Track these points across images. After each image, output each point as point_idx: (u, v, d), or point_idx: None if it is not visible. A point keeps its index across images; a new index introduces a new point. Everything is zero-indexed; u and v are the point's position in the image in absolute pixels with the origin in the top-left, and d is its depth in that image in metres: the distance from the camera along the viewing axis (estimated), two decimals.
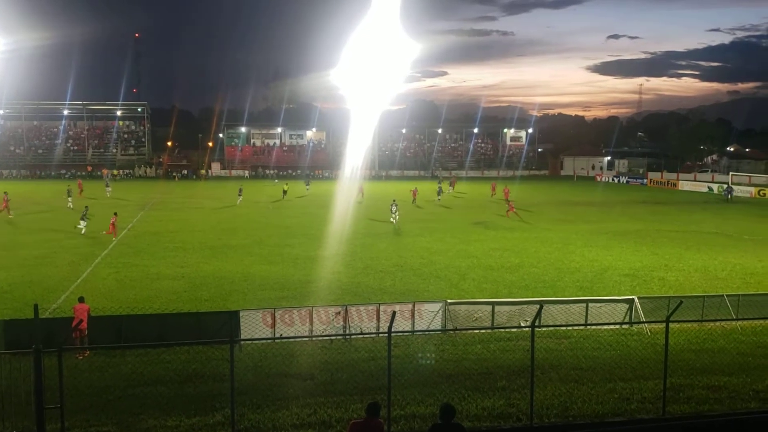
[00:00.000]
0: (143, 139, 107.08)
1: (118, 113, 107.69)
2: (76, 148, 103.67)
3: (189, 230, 39.84)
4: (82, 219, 38.20)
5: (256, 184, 66.05)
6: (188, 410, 13.27)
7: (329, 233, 38.27)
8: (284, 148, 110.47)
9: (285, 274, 27.36)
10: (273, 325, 18.76)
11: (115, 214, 38.16)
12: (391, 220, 43.28)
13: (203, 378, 15.42)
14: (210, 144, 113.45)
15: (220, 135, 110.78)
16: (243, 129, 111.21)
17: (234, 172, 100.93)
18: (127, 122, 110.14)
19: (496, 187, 66.96)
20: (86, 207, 41.26)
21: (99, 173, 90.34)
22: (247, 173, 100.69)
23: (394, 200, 45.35)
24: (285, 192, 63.17)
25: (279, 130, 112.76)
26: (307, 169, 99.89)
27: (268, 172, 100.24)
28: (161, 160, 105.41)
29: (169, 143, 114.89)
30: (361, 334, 18.34)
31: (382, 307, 19.44)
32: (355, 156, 79.11)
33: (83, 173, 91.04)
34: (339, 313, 19.06)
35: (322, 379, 15.35)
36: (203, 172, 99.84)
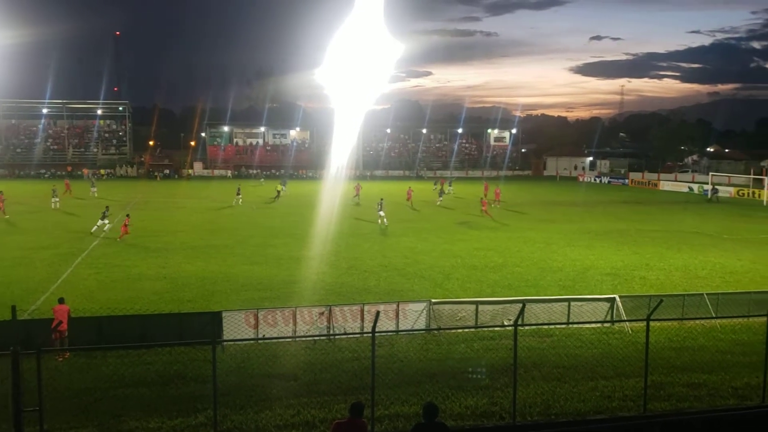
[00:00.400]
0: (124, 139, 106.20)
1: (99, 112, 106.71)
2: (56, 147, 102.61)
3: (171, 230, 39.59)
4: (102, 219, 37.67)
5: (240, 184, 65.46)
6: (170, 412, 13.19)
7: (314, 233, 38.20)
8: (268, 148, 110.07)
9: (268, 275, 27.27)
10: (256, 326, 18.69)
11: (128, 215, 37.73)
12: (378, 221, 43.19)
13: (185, 379, 15.33)
14: (192, 143, 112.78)
15: (203, 134, 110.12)
16: (226, 128, 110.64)
17: (217, 172, 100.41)
18: (108, 121, 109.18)
19: (489, 188, 66.80)
20: (107, 207, 40.53)
21: (80, 173, 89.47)
22: (229, 173, 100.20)
23: (381, 200, 45.36)
24: (279, 192, 61.89)
25: (262, 129, 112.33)
26: (291, 169, 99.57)
27: (251, 171, 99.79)
28: (143, 159, 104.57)
29: (151, 142, 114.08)
30: (345, 334, 18.32)
31: (366, 307, 19.43)
32: (340, 156, 78.99)
33: (63, 173, 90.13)
34: (323, 313, 19.03)
35: (305, 380, 15.32)
36: (189, 171, 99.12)
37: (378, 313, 13.18)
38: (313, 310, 19.25)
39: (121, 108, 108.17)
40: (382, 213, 43.38)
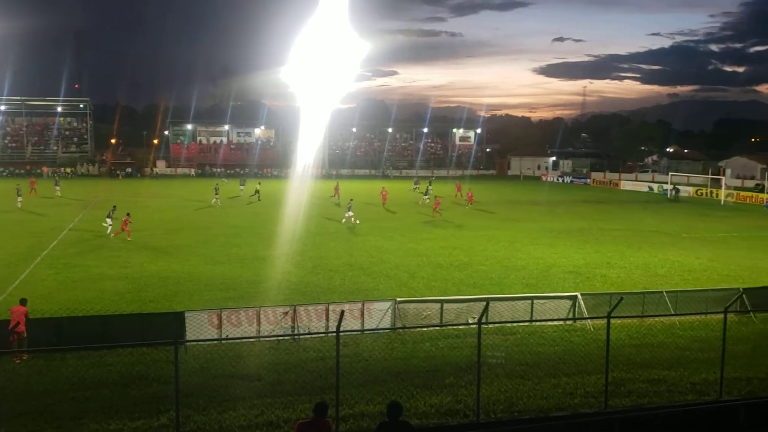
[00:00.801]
0: (86, 137, 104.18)
1: (59, 109, 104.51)
2: (14, 145, 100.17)
3: (133, 229, 38.91)
4: (108, 217, 37.10)
5: (218, 182, 64.71)
6: (132, 413, 12.97)
7: (278, 233, 37.95)
8: (232, 146, 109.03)
9: (232, 275, 27.02)
10: (219, 326, 18.49)
11: (128, 214, 36.97)
12: (343, 220, 42.99)
13: (147, 380, 15.09)
14: (155, 141, 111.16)
15: (166, 132, 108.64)
16: (189, 126, 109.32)
17: (180, 171, 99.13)
18: (68, 119, 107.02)
19: (462, 188, 66.99)
20: (114, 206, 39.65)
21: (39, 171, 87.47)
22: (193, 171, 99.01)
23: (351, 200, 45.30)
24: (257, 191, 59.39)
25: (226, 127, 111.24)
26: (256, 167, 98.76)
27: (215, 170, 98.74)
28: (104, 157, 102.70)
29: (113, 141, 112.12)
30: (310, 334, 18.24)
31: (331, 307, 19.36)
32: (305, 154, 78.58)
33: (22, 171, 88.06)
34: (287, 313, 18.91)
35: (269, 380, 15.21)
36: (156, 170, 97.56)
37: (343, 312, 13.14)
38: (278, 310, 19.12)
39: (81, 105, 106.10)
40: (350, 213, 43.31)
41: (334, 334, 11.85)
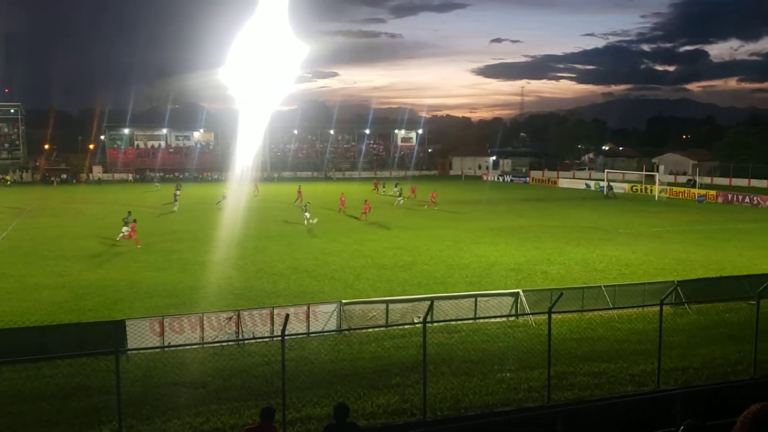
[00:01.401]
0: (17, 143, 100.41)
1: None
2: None
3: (70, 237, 37.83)
4: (125, 225, 36.01)
5: (141, 188, 63.20)
6: (72, 425, 12.64)
7: (221, 237, 37.41)
8: (170, 150, 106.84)
9: (174, 281, 26.51)
10: (162, 334, 18.13)
11: (134, 221, 35.90)
12: (305, 222, 42.70)
13: (88, 391, 14.71)
14: (91, 146, 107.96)
15: (102, 137, 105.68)
16: (126, 130, 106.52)
17: (117, 176, 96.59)
18: None
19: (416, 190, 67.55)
20: (128, 212, 38.29)
21: None
22: (131, 176, 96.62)
23: (307, 203, 45.04)
24: (225, 197, 55.98)
25: (164, 131, 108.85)
26: (195, 171, 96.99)
27: (153, 175, 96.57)
28: (38, 164, 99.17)
29: (47, 146, 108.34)
30: (254, 338, 18.08)
31: (275, 311, 19.23)
32: (245, 157, 77.54)
33: None
34: (231, 318, 18.69)
35: (214, 386, 15.01)
36: (99, 176, 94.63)
37: (287, 316, 13.08)
38: (221, 316, 18.88)
39: (12, 110, 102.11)
40: (307, 215, 43.18)
41: (279, 338, 11.79)
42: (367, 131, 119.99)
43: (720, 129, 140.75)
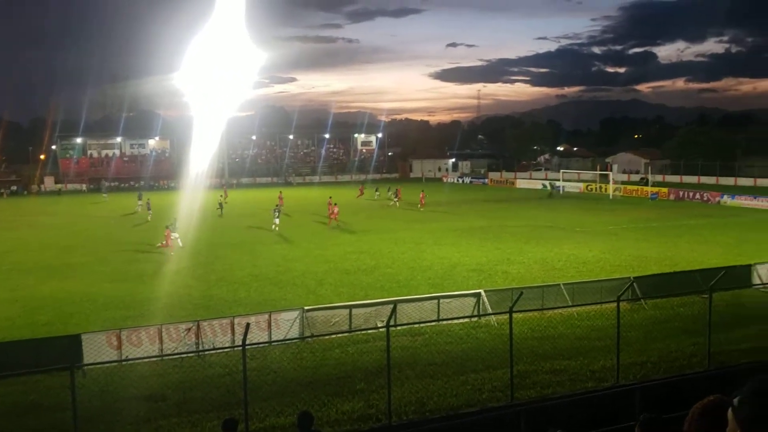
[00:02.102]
0: None
1: None
2: None
3: (23, 249, 36.78)
4: (172, 231, 36.63)
5: (94, 198, 61.68)
6: None
7: (178, 245, 36.76)
8: (125, 159, 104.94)
9: (131, 292, 25.94)
10: (119, 347, 17.71)
11: (167, 227, 36.13)
12: (274, 227, 42.53)
13: (44, 408, 14.28)
14: (42, 157, 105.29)
15: (54, 147, 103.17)
16: (79, 140, 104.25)
17: (70, 186, 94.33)
18: None
19: (364, 190, 69.47)
20: (175, 218, 38.51)
21: None
22: (84, 186, 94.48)
23: (276, 205, 44.61)
24: (221, 205, 54.60)
25: (118, 139, 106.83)
26: (151, 179, 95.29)
27: (108, 184, 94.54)
28: None
29: None
30: (214, 349, 17.77)
31: (236, 320, 18.94)
32: (203, 164, 76.45)
33: None
34: (190, 329, 18.36)
35: (174, 399, 14.70)
36: (44, 186, 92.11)
37: (248, 325, 12.88)
38: (180, 327, 18.53)
39: None
40: (277, 221, 42.97)
41: (240, 347, 11.59)
42: (327, 135, 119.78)
43: (670, 128, 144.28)
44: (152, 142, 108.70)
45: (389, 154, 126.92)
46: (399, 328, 19.15)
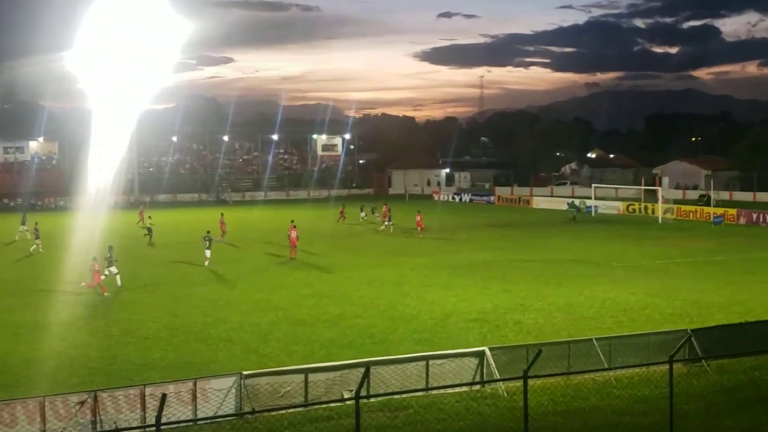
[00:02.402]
0: None
1: None
2: None
3: None
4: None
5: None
6: None
7: (70, 288, 36.38)
8: None
9: (3, 352, 25.63)
10: None
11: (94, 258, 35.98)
12: (206, 263, 43.11)
13: None
14: None
15: None
16: None
17: None
18: None
19: (344, 212, 70.75)
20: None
21: None
22: None
23: (207, 232, 44.50)
24: (150, 230, 56.76)
25: None
26: (32, 196, 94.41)
27: None
28: None
29: None
30: (118, 430, 17.56)
31: (148, 390, 18.76)
32: (103, 176, 75.88)
33: None
34: (84, 402, 18.15)
35: None
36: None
37: (164, 396, 12.73)
38: (71, 399, 18.31)
39: None
40: (208, 253, 43.54)
41: (154, 428, 11.45)
42: (275, 137, 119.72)
43: (738, 128, 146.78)
44: (34, 145, 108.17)
45: (360, 162, 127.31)
46: (373, 400, 19.06)
